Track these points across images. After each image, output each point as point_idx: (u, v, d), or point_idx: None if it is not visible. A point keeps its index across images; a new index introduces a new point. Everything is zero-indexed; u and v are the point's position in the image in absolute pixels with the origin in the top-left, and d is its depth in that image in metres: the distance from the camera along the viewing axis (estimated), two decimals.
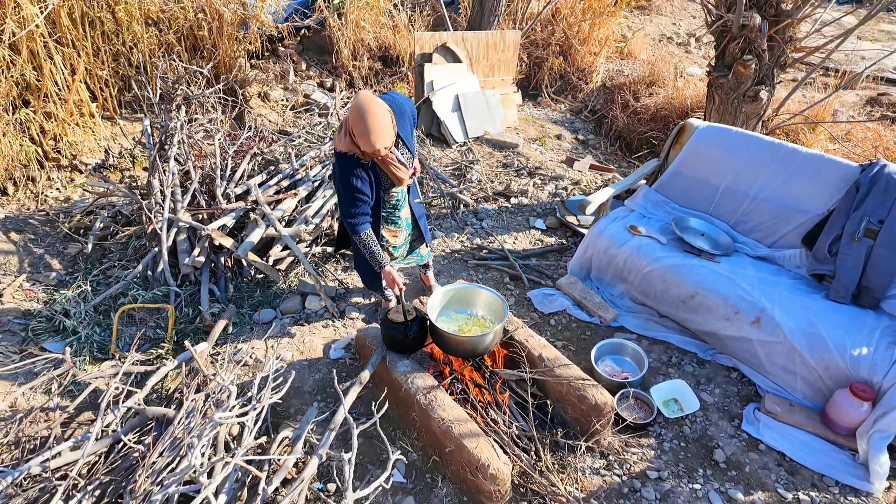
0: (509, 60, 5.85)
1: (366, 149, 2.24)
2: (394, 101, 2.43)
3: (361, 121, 2.19)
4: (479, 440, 2.14)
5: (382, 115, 2.21)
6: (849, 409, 2.42)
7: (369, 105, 2.18)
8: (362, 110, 2.18)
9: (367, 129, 2.18)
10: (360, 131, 2.20)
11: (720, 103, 4.03)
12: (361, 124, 2.19)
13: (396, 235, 2.84)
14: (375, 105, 2.20)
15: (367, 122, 2.18)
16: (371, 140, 2.20)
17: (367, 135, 2.19)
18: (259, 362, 2.84)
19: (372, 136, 2.19)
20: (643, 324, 3.17)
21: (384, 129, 2.21)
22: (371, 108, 2.18)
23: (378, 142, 2.21)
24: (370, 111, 2.18)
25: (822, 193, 3.02)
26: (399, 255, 2.92)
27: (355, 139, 2.25)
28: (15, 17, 3.71)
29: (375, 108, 2.19)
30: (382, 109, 2.22)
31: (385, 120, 2.22)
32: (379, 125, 2.19)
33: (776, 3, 3.64)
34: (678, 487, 2.33)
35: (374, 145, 2.21)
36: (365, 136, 2.20)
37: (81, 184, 4.15)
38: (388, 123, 2.24)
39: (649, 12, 8.84)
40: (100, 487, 2.01)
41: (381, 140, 2.21)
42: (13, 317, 2.99)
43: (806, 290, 2.87)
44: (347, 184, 2.40)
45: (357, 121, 2.20)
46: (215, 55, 5.04)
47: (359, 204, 2.43)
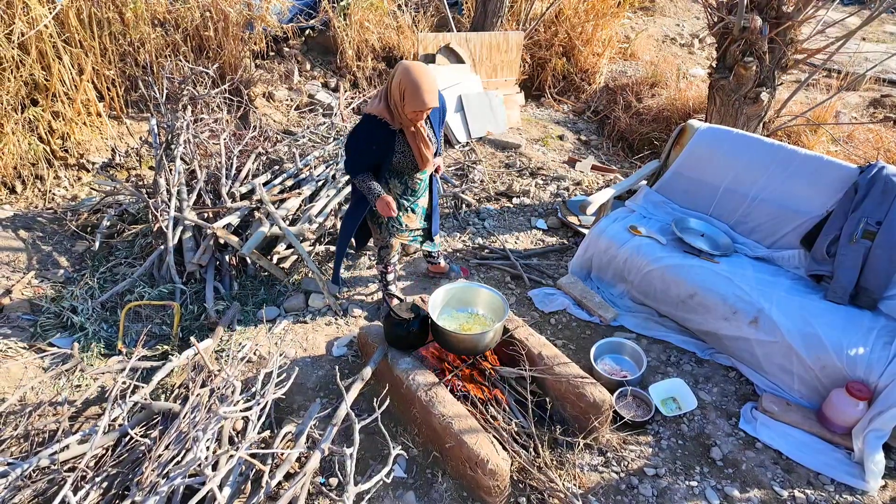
0: (512, 61, 5.89)
1: (415, 107, 2.33)
2: None
3: (413, 78, 2.28)
4: (478, 436, 2.18)
5: (432, 76, 2.33)
6: (845, 409, 2.44)
7: (420, 66, 2.31)
8: (413, 70, 2.29)
9: (419, 85, 2.28)
10: (411, 89, 2.29)
11: (721, 105, 4.05)
12: (413, 82, 2.28)
13: (413, 221, 2.95)
14: (425, 67, 2.33)
15: (419, 79, 2.28)
16: (423, 96, 2.29)
17: (418, 91, 2.28)
18: (263, 359, 2.88)
19: (424, 93, 2.29)
20: (642, 323, 3.20)
21: (434, 88, 2.32)
22: (423, 68, 2.32)
23: (428, 98, 2.30)
24: (422, 70, 2.30)
25: (820, 195, 3.05)
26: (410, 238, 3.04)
27: (401, 101, 2.35)
28: (24, 18, 3.77)
29: (426, 69, 2.33)
30: (427, 71, 2.33)
31: (434, 80, 2.33)
32: (430, 83, 2.30)
33: (777, 5, 3.66)
34: (675, 484, 2.36)
35: (426, 102, 2.30)
36: (417, 92, 2.29)
37: (89, 182, 4.21)
38: (434, 84, 2.33)
39: (653, 13, 8.86)
40: (107, 479, 2.05)
41: (430, 97, 2.30)
42: (22, 313, 3.05)
43: (804, 290, 2.90)
44: (360, 138, 2.51)
45: (408, 79, 2.28)
46: (221, 55, 5.09)
47: (360, 159, 2.56)
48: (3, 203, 3.85)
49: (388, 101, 2.42)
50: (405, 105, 2.34)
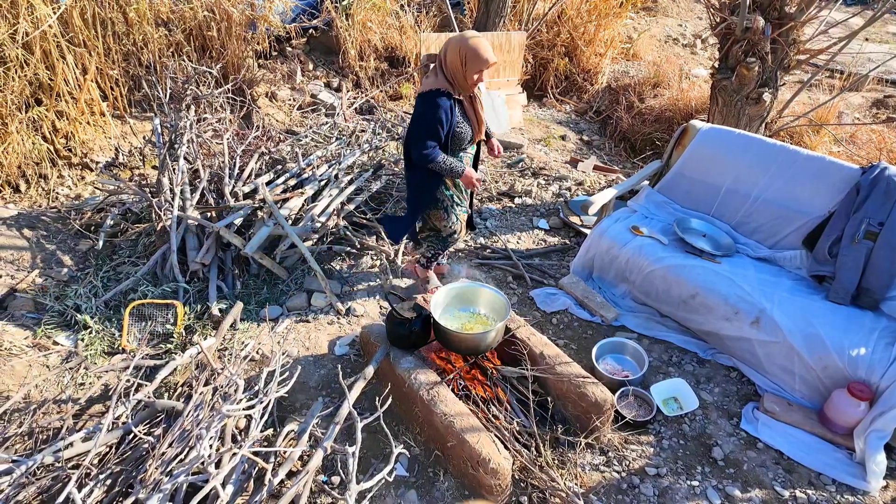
0: (515, 61, 5.89)
1: (479, 66, 2.44)
2: None
3: (471, 43, 2.41)
4: (480, 435, 2.18)
5: (479, 35, 2.43)
6: (846, 409, 2.45)
7: (471, 32, 2.42)
8: (467, 35, 2.41)
9: (478, 45, 2.40)
10: (472, 52, 2.41)
11: (723, 105, 4.05)
12: (472, 45, 2.40)
13: (465, 199, 3.04)
14: (469, 32, 2.46)
15: (476, 41, 2.40)
16: (483, 55, 2.41)
17: (478, 51, 2.41)
18: (266, 357, 2.89)
19: (484, 51, 2.41)
20: (644, 323, 3.21)
21: (488, 48, 2.43)
22: (475, 33, 2.43)
23: (489, 54, 2.41)
24: (475, 34, 2.41)
25: (822, 195, 3.05)
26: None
27: (462, 67, 2.45)
28: (28, 18, 3.78)
29: (468, 33, 2.42)
30: (476, 33, 2.44)
31: (483, 39, 2.42)
32: (486, 43, 2.41)
33: (780, 5, 3.66)
34: (676, 484, 2.36)
35: (488, 59, 2.41)
36: (477, 52, 2.41)
37: (92, 181, 4.22)
38: (489, 45, 2.45)
39: (655, 13, 8.85)
40: (111, 477, 2.06)
41: (490, 53, 2.41)
42: (26, 311, 3.06)
43: (806, 291, 2.90)
44: (427, 117, 2.57)
45: (466, 45, 2.41)
46: (224, 55, 5.10)
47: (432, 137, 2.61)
48: (8, 202, 3.87)
49: (445, 73, 2.54)
50: (468, 69, 2.46)
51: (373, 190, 4.11)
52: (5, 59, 3.77)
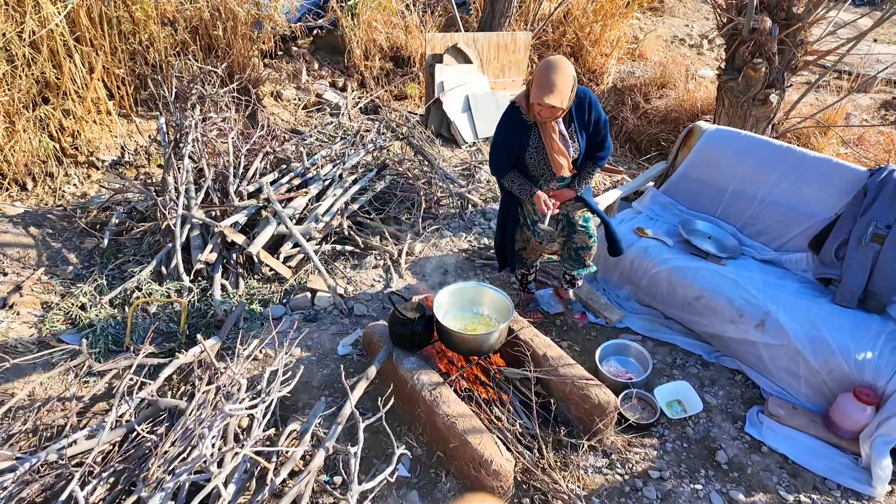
0: (520, 61, 5.88)
1: (534, 97, 2.30)
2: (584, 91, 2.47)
3: (541, 69, 2.28)
4: (482, 437, 2.18)
5: (561, 72, 2.25)
6: (852, 413, 2.43)
7: (556, 61, 2.27)
8: (548, 61, 2.28)
9: (541, 76, 2.26)
10: (537, 79, 2.29)
11: (730, 106, 4.03)
12: (540, 72, 2.28)
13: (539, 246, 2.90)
14: (561, 63, 2.27)
15: (544, 71, 2.27)
16: (540, 89, 2.25)
17: (539, 81, 2.27)
18: (268, 357, 2.89)
19: (540, 85, 2.25)
20: (648, 325, 3.19)
21: (554, 86, 2.24)
22: (556, 63, 2.26)
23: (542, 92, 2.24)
24: (554, 64, 2.26)
25: (829, 197, 3.03)
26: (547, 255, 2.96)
27: (531, 87, 2.35)
28: (35, 17, 3.80)
29: (560, 66, 2.26)
30: (564, 68, 2.27)
31: (561, 77, 2.25)
32: (553, 78, 2.24)
33: (787, 6, 3.64)
34: (679, 487, 2.35)
35: (539, 94, 2.25)
36: (540, 82, 2.27)
37: (98, 180, 4.25)
38: (563, 82, 2.25)
39: (661, 14, 8.81)
40: (114, 475, 2.07)
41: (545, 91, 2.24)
42: (31, 308, 3.08)
43: (812, 293, 2.88)
44: (497, 130, 2.53)
45: (539, 69, 2.30)
46: (229, 54, 5.11)
47: (499, 156, 2.56)
48: (14, 200, 3.89)
49: (529, 85, 2.43)
50: (531, 93, 2.35)
51: (377, 190, 4.11)
52: (13, 58, 3.79)
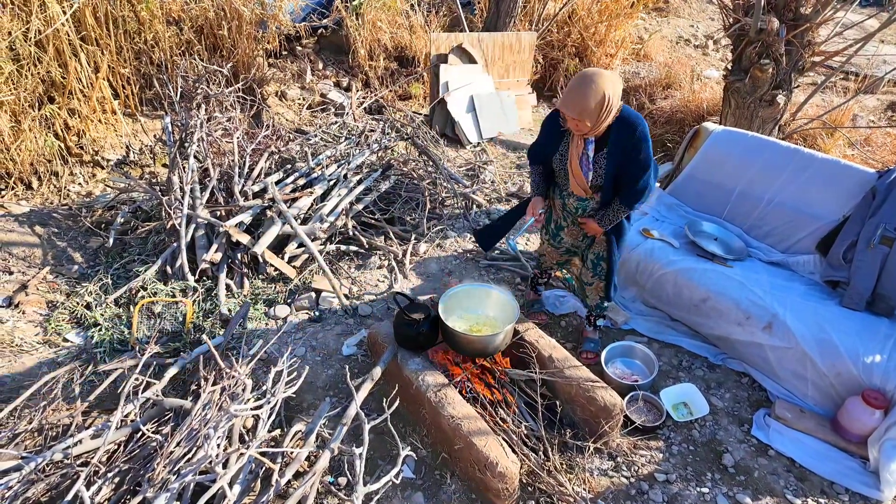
0: (525, 62, 5.87)
1: (560, 105, 2.26)
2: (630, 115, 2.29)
3: (573, 79, 2.21)
4: (488, 438, 2.17)
5: (588, 86, 2.14)
6: (860, 417, 2.41)
7: (589, 73, 2.17)
8: (581, 73, 2.19)
9: (568, 88, 2.20)
10: (567, 87, 2.23)
11: (736, 107, 4.01)
12: (571, 81, 2.22)
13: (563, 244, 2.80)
14: (592, 77, 2.14)
15: (572, 84, 2.20)
16: (564, 99, 2.22)
17: (567, 91, 2.21)
18: (273, 357, 2.89)
19: (567, 95, 2.21)
20: (654, 327, 3.18)
21: (576, 99, 2.17)
22: (586, 75, 2.16)
23: (563, 101, 2.21)
24: (583, 76, 2.17)
25: (837, 199, 3.01)
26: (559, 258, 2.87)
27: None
28: (41, 16, 3.81)
29: (588, 78, 2.15)
30: (594, 84, 2.13)
31: (586, 91, 2.14)
32: (578, 91, 2.16)
33: (795, 7, 3.62)
34: (686, 490, 2.34)
35: (565, 104, 2.21)
36: (566, 90, 2.22)
37: (103, 179, 4.25)
38: (586, 97, 2.14)
39: (667, 14, 8.79)
40: (119, 475, 2.07)
41: (566, 101, 2.20)
42: (37, 307, 3.08)
43: (819, 296, 2.86)
44: (543, 124, 2.53)
45: (572, 78, 2.23)
46: (234, 54, 5.11)
47: (534, 146, 2.59)
48: (20, 199, 3.90)
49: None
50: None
51: (381, 190, 4.11)
52: (18, 57, 3.80)
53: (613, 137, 2.30)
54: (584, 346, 3.00)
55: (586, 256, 2.77)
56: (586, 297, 2.88)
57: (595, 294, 2.82)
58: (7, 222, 3.60)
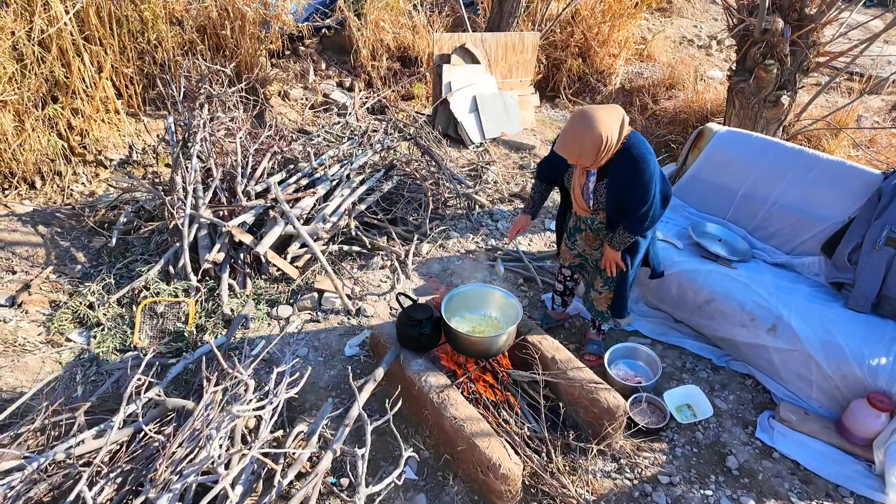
0: (528, 62, 5.86)
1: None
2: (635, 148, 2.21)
3: (570, 118, 2.21)
4: (490, 440, 2.16)
5: (580, 130, 2.14)
6: (866, 420, 2.39)
7: (583, 114, 2.15)
8: (577, 113, 2.17)
9: (566, 125, 2.21)
10: (565, 125, 2.23)
11: (740, 108, 4.00)
12: (568, 120, 2.22)
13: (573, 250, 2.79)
14: (586, 120, 2.13)
15: (569, 121, 2.21)
16: (559, 136, 2.24)
17: (563, 130, 2.23)
18: (276, 357, 2.88)
19: (561, 133, 2.23)
20: (658, 328, 3.16)
21: (569, 139, 2.18)
22: (580, 117, 2.15)
23: (558, 143, 2.24)
24: (577, 117, 2.16)
25: (842, 201, 2.99)
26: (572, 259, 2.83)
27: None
28: (44, 16, 3.81)
29: (580, 120, 2.14)
30: (587, 127, 2.12)
31: (578, 134, 2.14)
32: (569, 134, 2.18)
33: (799, 7, 3.60)
34: (689, 493, 2.33)
35: (558, 143, 2.24)
36: (563, 129, 2.23)
37: (106, 179, 4.25)
38: (580, 139, 2.14)
39: (670, 14, 8.76)
40: (121, 475, 2.06)
41: (560, 143, 2.23)
42: (40, 307, 3.08)
43: (824, 298, 2.84)
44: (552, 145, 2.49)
45: (570, 116, 2.22)
46: (237, 54, 5.12)
47: (544, 162, 2.60)
48: (24, 198, 3.91)
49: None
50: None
51: (384, 190, 4.10)
52: (22, 57, 3.80)
53: (614, 169, 2.26)
54: (586, 348, 2.99)
55: (600, 273, 2.70)
56: (592, 303, 2.85)
57: (602, 303, 2.79)
58: (10, 222, 3.61)
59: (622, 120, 2.19)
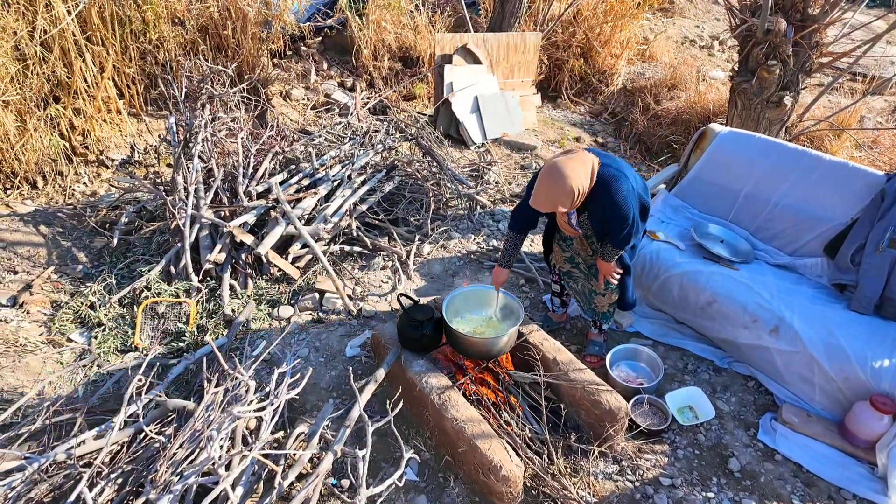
0: (529, 62, 5.85)
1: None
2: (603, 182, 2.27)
3: (541, 173, 2.25)
4: (491, 441, 2.16)
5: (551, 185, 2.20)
6: (868, 422, 2.38)
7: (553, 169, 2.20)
8: (547, 169, 2.22)
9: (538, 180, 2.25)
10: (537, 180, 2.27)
11: (743, 109, 3.98)
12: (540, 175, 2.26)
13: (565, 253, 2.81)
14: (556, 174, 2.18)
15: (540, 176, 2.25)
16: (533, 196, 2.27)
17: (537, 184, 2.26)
18: (277, 358, 2.88)
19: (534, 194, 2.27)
20: (659, 330, 3.16)
21: (543, 196, 2.24)
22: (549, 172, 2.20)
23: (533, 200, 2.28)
24: (547, 174, 2.21)
25: (845, 202, 2.98)
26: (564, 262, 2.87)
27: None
28: (47, 16, 3.82)
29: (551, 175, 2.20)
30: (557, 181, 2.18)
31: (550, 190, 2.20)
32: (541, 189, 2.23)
33: (802, 7, 3.59)
34: (691, 495, 2.32)
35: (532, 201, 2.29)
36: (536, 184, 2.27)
37: (108, 179, 4.26)
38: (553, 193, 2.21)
39: (672, 15, 8.75)
40: (122, 476, 2.06)
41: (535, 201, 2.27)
42: (41, 307, 3.08)
43: (827, 299, 2.83)
44: (528, 186, 2.49)
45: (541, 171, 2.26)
46: (239, 54, 5.12)
47: (519, 209, 2.56)
48: (25, 198, 3.91)
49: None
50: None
51: (385, 191, 4.10)
52: (24, 57, 3.80)
53: (592, 203, 2.35)
54: (588, 349, 2.98)
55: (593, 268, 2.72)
56: (594, 308, 2.85)
57: (605, 304, 2.80)
58: (12, 222, 3.61)
59: (590, 165, 2.26)
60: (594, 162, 2.27)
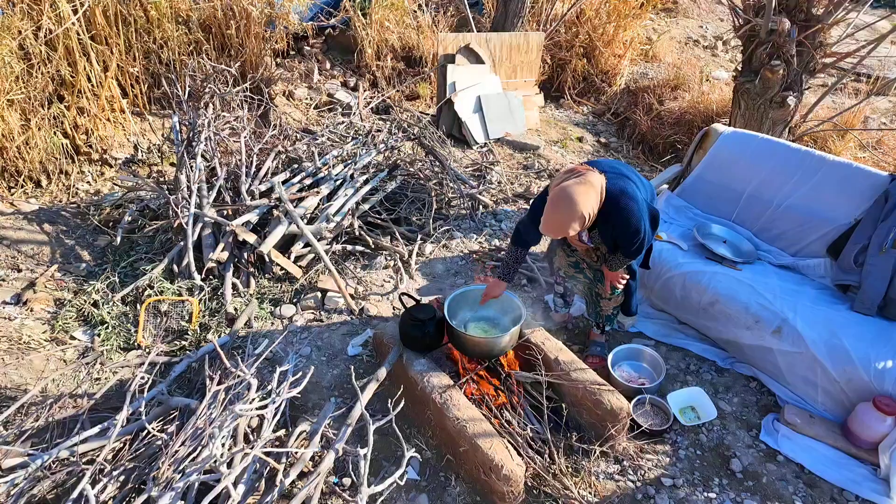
0: (532, 62, 5.84)
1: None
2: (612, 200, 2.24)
3: (549, 200, 2.23)
4: (493, 441, 2.16)
5: (561, 212, 2.18)
6: (871, 423, 2.38)
7: (560, 196, 2.18)
8: (555, 196, 2.20)
9: (547, 208, 2.23)
10: (546, 207, 2.24)
11: (746, 109, 3.97)
12: (548, 202, 2.23)
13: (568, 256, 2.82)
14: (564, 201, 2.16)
15: (548, 204, 2.22)
16: (543, 222, 2.25)
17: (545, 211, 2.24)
18: (279, 356, 2.89)
19: (543, 220, 2.25)
20: (662, 330, 3.15)
21: (552, 223, 2.21)
22: (557, 199, 2.18)
23: (542, 227, 2.27)
24: (556, 201, 2.19)
25: (849, 202, 2.97)
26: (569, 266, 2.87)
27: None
28: (52, 15, 3.83)
29: (560, 202, 2.17)
30: (566, 208, 2.16)
31: (559, 217, 2.18)
32: (551, 216, 2.21)
33: (806, 7, 3.58)
34: (693, 495, 2.31)
35: (542, 228, 2.27)
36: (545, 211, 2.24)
37: (111, 178, 4.27)
38: (562, 221, 2.18)
39: (675, 15, 8.73)
40: (124, 473, 2.07)
41: (545, 227, 2.26)
42: (45, 305, 3.10)
43: (830, 300, 2.83)
44: (534, 203, 2.48)
45: (549, 198, 2.24)
46: (242, 53, 5.12)
47: (524, 225, 2.53)
48: (29, 197, 3.93)
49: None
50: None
51: (388, 190, 4.10)
52: (29, 56, 3.82)
53: (603, 220, 2.31)
54: (590, 349, 2.98)
55: (599, 273, 2.72)
56: (599, 311, 2.86)
57: (610, 307, 2.81)
58: (16, 220, 3.63)
59: (599, 186, 2.21)
60: (602, 182, 2.23)
